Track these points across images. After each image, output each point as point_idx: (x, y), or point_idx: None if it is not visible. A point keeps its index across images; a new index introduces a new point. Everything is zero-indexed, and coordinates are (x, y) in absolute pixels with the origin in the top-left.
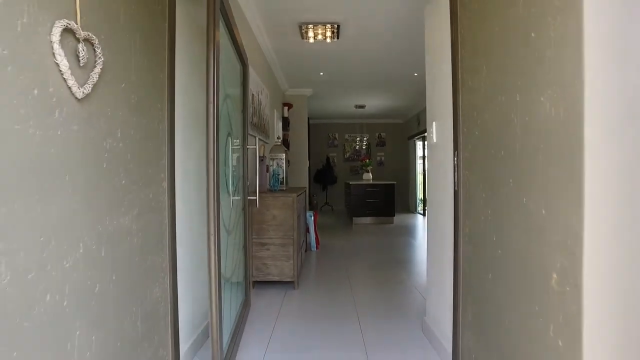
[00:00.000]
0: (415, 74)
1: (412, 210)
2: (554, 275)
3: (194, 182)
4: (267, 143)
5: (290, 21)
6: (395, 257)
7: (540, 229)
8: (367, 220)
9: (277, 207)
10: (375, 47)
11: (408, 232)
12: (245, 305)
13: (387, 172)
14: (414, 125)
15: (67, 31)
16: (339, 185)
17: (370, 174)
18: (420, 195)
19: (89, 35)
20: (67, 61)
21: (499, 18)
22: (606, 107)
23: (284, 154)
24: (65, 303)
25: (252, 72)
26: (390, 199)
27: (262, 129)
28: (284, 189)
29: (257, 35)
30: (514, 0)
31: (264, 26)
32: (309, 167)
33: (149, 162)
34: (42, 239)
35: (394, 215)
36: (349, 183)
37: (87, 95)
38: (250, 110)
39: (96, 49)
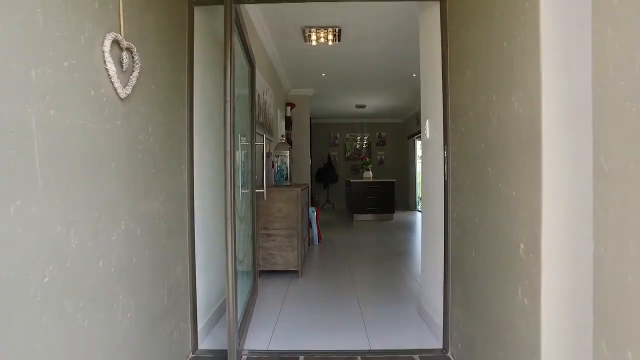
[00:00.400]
0: (414, 75)
1: (411, 207)
2: (522, 246)
3: (208, 176)
4: (271, 141)
5: (294, 25)
6: (394, 250)
7: (511, 209)
8: (368, 217)
9: (282, 201)
10: (375, 49)
11: (407, 228)
12: (254, 292)
13: (387, 171)
14: (413, 125)
15: (114, 42)
16: (340, 184)
17: (371, 173)
18: (419, 193)
19: (129, 44)
20: (114, 67)
21: (480, 29)
22: (559, 105)
23: (288, 151)
24: (112, 270)
25: (257, 73)
26: (390, 197)
27: (267, 127)
28: (289, 184)
29: (262, 38)
30: (491, 14)
31: (269, 30)
32: (311, 166)
33: (172, 155)
34: (96, 214)
35: (394, 212)
36: (349, 181)
37: (128, 96)
38: (257, 109)
39: (134, 56)
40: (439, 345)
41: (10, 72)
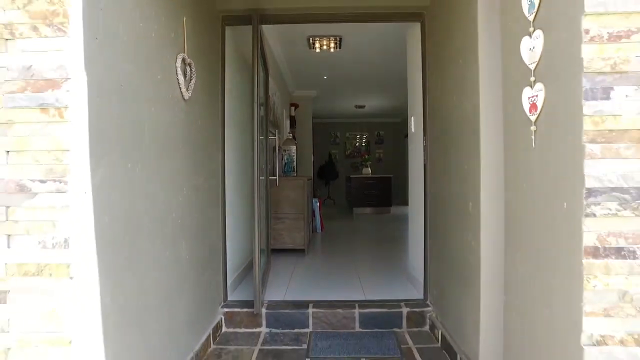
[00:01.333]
0: None
1: (408, 202)
2: (470, 204)
3: (233, 163)
4: (280, 138)
5: (300, 34)
6: (389, 236)
7: (464, 179)
8: (367, 210)
9: (290, 188)
10: (373, 55)
11: (403, 219)
12: (268, 264)
13: (385, 168)
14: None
15: (182, 60)
16: (340, 181)
17: (369, 169)
18: None
19: (190, 60)
20: (182, 77)
21: (447, 47)
22: (490, 108)
23: (294, 146)
24: (178, 221)
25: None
26: (388, 191)
27: (276, 125)
28: (295, 175)
29: (271, 44)
30: (455, 37)
31: (278, 37)
32: (313, 163)
33: (211, 144)
34: (169, 182)
35: (391, 206)
36: (349, 177)
37: (189, 98)
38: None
39: (192, 68)
40: (420, 296)
41: (131, 85)
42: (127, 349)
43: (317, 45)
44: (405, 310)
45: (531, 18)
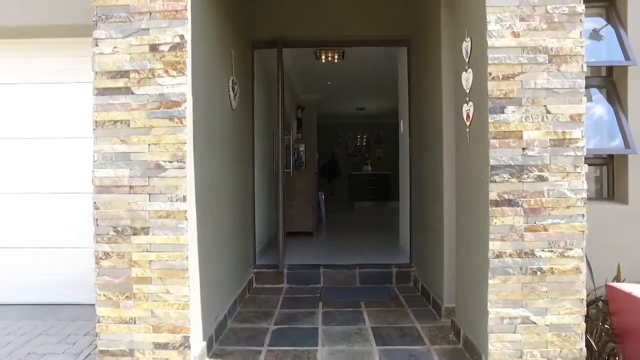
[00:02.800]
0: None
1: None
2: (438, 183)
3: (257, 159)
4: (291, 137)
5: (308, 48)
6: (385, 223)
7: (434, 167)
8: (367, 204)
9: (301, 179)
10: (372, 65)
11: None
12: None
13: (385, 167)
14: None
15: (232, 80)
16: (342, 179)
17: (369, 167)
18: None
19: (235, 80)
20: (232, 93)
21: (424, 69)
22: (448, 117)
23: (304, 145)
24: (229, 197)
25: None
26: (386, 187)
27: (287, 126)
28: (304, 169)
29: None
30: (428, 63)
31: (289, 51)
32: (318, 160)
33: (246, 142)
34: (224, 167)
35: (389, 200)
36: (351, 174)
37: (235, 108)
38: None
39: (236, 85)
40: (407, 261)
41: (207, 101)
42: (205, 270)
43: (323, 56)
44: (394, 270)
45: (467, 60)
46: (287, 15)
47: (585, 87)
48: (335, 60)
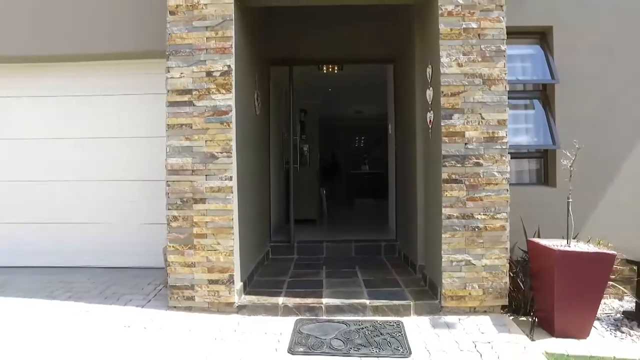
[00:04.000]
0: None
1: None
2: (412, 174)
3: (271, 153)
4: (297, 138)
5: None
6: (379, 213)
7: (411, 161)
8: (365, 200)
9: (306, 175)
10: (367, 75)
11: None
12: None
13: (382, 166)
14: None
15: (257, 93)
16: (343, 177)
17: (367, 166)
18: None
19: (258, 92)
20: (256, 103)
21: (404, 81)
22: (419, 122)
23: (307, 145)
24: (255, 183)
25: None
26: (383, 184)
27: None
28: (308, 166)
29: None
30: (406, 79)
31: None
32: (320, 160)
33: (264, 142)
34: (252, 160)
35: (385, 197)
36: (351, 172)
37: (258, 114)
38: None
39: (259, 96)
40: (393, 237)
41: (241, 108)
42: (241, 231)
43: (324, 68)
44: (383, 244)
45: (429, 81)
46: (296, 39)
47: (528, 99)
48: (335, 71)
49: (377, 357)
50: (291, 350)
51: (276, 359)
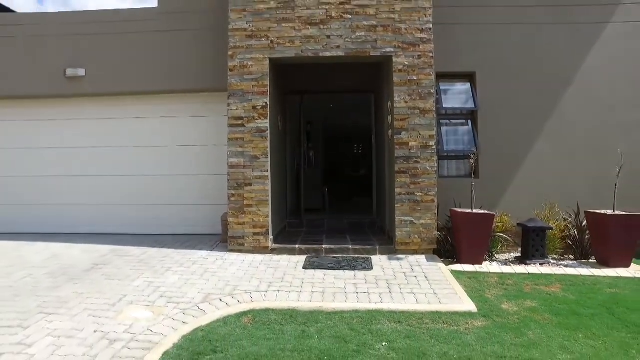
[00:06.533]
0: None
1: None
2: (382, 170)
3: (288, 155)
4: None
5: None
6: (369, 205)
7: (381, 162)
8: (361, 198)
9: (312, 174)
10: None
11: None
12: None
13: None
14: None
15: (280, 116)
16: (343, 179)
17: (363, 169)
18: None
19: (280, 115)
20: (280, 123)
21: (380, 109)
22: (386, 135)
23: (313, 151)
24: (277, 177)
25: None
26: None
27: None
28: (314, 168)
29: None
30: (381, 105)
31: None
32: (322, 164)
33: (283, 148)
34: (277, 161)
35: None
36: (350, 175)
37: (280, 129)
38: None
39: (280, 118)
40: (374, 216)
41: (275, 128)
42: (276, 205)
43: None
44: (367, 222)
45: (390, 110)
46: (306, 77)
47: (464, 119)
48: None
49: (353, 270)
50: (304, 268)
51: (296, 271)
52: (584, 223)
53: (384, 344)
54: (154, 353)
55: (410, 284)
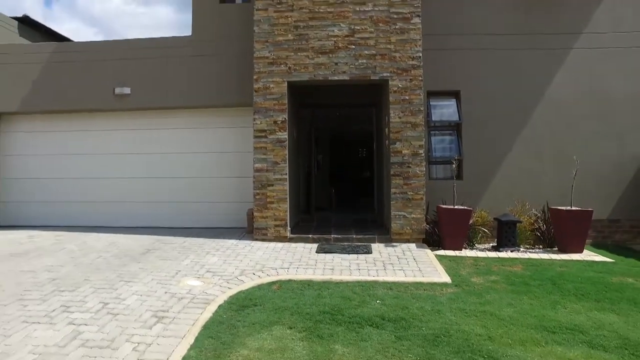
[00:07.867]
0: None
1: None
2: (382, 174)
3: (300, 160)
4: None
5: None
6: (372, 205)
7: (381, 166)
8: (366, 198)
9: (321, 176)
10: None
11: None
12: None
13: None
14: None
15: (294, 127)
16: (349, 182)
17: (369, 172)
18: None
19: (295, 127)
20: (295, 133)
21: (379, 120)
22: (385, 143)
23: (321, 156)
24: (293, 178)
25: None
26: None
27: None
28: (322, 171)
29: None
30: (381, 117)
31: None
32: (330, 168)
33: (297, 153)
34: (293, 165)
35: None
36: (355, 177)
37: (295, 137)
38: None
39: (296, 128)
40: (375, 215)
41: (293, 137)
42: (292, 202)
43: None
44: (369, 219)
45: (387, 123)
46: (316, 93)
47: (450, 130)
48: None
49: (356, 254)
50: (317, 252)
51: (310, 254)
52: (549, 217)
53: (378, 301)
54: (213, 304)
55: (401, 264)
